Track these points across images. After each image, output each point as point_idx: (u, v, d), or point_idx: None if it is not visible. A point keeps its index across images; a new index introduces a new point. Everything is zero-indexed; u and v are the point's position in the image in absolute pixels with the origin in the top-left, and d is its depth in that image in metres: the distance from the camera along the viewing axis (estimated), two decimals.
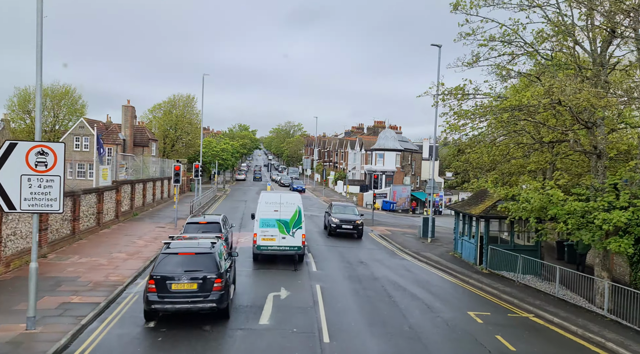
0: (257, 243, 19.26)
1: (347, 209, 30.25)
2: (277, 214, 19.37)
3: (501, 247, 20.13)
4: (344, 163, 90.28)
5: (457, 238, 24.33)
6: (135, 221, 30.30)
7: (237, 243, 24.56)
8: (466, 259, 22.73)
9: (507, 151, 20.84)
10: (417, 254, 24.15)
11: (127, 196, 31.56)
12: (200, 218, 20.62)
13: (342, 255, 22.84)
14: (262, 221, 19.34)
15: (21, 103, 64.84)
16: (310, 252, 22.59)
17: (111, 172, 28.98)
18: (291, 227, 19.34)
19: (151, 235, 25.31)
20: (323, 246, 25.14)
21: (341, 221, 27.89)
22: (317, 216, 40.76)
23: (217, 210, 40.65)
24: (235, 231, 28.21)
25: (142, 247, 21.78)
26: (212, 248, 12.47)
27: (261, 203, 19.77)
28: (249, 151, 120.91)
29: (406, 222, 44.68)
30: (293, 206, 19.57)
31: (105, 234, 24.66)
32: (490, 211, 20.31)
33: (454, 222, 24.65)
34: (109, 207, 27.34)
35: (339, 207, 30.37)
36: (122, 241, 22.89)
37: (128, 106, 56.42)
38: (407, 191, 68.82)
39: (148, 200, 37.48)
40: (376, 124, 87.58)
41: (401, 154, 69.19)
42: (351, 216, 28.84)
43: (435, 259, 23.01)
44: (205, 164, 68.58)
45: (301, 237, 19.37)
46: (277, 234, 19.23)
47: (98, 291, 14.31)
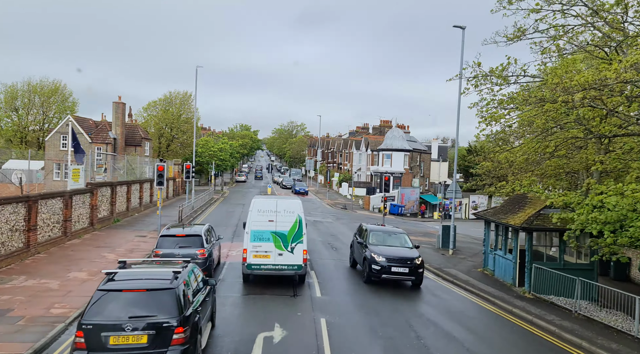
0: (247, 261, 15.49)
1: (394, 238, 18.52)
2: (273, 225, 15.58)
3: (548, 266, 16.30)
4: (348, 164, 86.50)
5: (488, 252, 20.52)
6: (114, 229, 26.61)
7: (227, 257, 20.84)
8: (500, 278, 18.91)
9: (554, 147, 16.99)
10: (441, 271, 20.35)
11: (107, 200, 27.88)
12: (178, 229, 16.86)
13: (352, 272, 19.07)
14: (254, 234, 15.53)
15: (8, 100, 61.38)
16: (313, 270, 18.84)
17: (85, 174, 25.30)
18: (290, 241, 15.53)
19: (127, 246, 21.62)
20: (329, 260, 21.37)
21: (390, 260, 16.70)
22: (321, 221, 36.98)
23: (210, 215, 36.94)
24: (226, 241, 24.51)
25: (111, 262, 18.07)
26: (172, 282, 8.71)
27: (253, 211, 15.73)
28: (251, 151, 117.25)
29: (418, 228, 40.84)
30: (292, 215, 15.72)
31: (72, 246, 20.97)
32: (534, 222, 16.50)
33: (484, 233, 20.84)
34: (81, 214, 23.65)
35: (380, 235, 18.48)
36: (90, 255, 19.20)
37: (119, 102, 52.75)
38: (415, 194, 65.02)
39: (134, 204, 33.80)
40: (382, 124, 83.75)
41: (409, 155, 65.37)
42: (404, 252, 17.48)
43: (463, 277, 19.20)
44: (201, 164, 64.95)
45: (302, 254, 15.54)
46: (273, 250, 15.47)
47: (28, 333, 10.59)
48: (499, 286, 17.97)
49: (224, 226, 30.56)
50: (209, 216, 36.21)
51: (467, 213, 71.10)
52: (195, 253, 15.60)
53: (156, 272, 9.29)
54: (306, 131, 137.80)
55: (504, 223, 17.97)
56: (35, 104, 62.68)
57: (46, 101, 63.13)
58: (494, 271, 19.69)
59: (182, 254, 15.46)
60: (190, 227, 17.31)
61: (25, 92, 62.20)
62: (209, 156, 61.77)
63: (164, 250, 15.52)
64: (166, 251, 15.48)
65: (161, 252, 15.45)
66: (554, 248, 17.33)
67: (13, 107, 62.14)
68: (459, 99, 24.46)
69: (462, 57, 24.05)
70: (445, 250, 26.06)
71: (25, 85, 62.21)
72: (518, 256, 17.55)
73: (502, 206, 19.96)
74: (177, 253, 15.45)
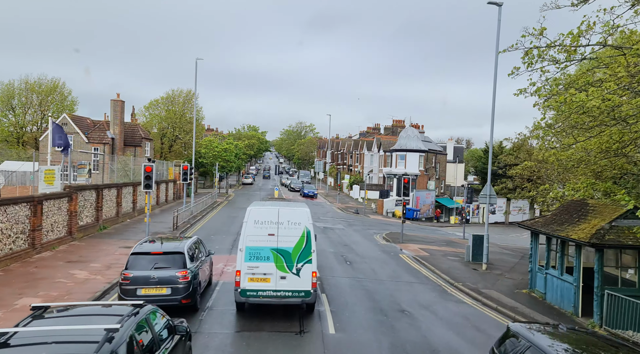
0: (241, 286, 12.21)
1: None
2: (274, 241, 12.34)
3: (625, 293, 12.74)
4: (359, 166, 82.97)
5: (535, 270, 16.97)
6: (98, 239, 23.40)
7: (222, 274, 17.48)
8: (556, 305, 15.35)
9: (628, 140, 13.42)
10: (478, 293, 16.82)
11: (91, 206, 24.69)
12: (154, 245, 13.49)
13: (371, 296, 15.62)
14: (250, 252, 12.27)
15: (4, 99, 58.75)
16: (325, 292, 15.43)
17: (60, 175, 22.13)
18: (295, 261, 12.27)
19: (106, 261, 18.37)
20: (343, 278, 17.92)
21: None
22: (332, 228, 33.54)
23: (210, 221, 33.67)
24: (223, 253, 21.21)
25: (78, 284, 14.82)
26: (101, 348, 5.30)
27: (248, 223, 12.45)
28: (258, 152, 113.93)
29: (438, 235, 37.24)
30: (298, 228, 12.43)
31: (39, 261, 17.75)
32: (606, 236, 12.94)
33: (530, 248, 17.25)
34: (56, 222, 20.46)
35: None
36: (56, 273, 15.96)
37: (117, 100, 49.81)
38: (431, 197, 61.31)
39: (126, 209, 30.62)
40: (395, 123, 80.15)
41: (425, 156, 61.71)
42: None
43: (508, 303, 15.65)
44: (205, 166, 61.81)
45: (311, 277, 12.25)
46: (274, 271, 12.22)
47: None
48: (555, 315, 14.42)
49: (223, 234, 27.25)
50: (209, 222, 32.95)
51: (484, 217, 67.33)
52: (174, 276, 12.27)
53: (78, 332, 5.86)
54: (315, 132, 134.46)
55: (561, 237, 14.42)
56: (33, 103, 60.03)
57: (44, 99, 60.46)
58: (544, 294, 16.12)
59: (158, 277, 12.18)
60: (171, 242, 13.93)
61: (22, 90, 59.59)
62: (213, 156, 58.57)
63: (135, 272, 12.18)
64: (138, 274, 12.15)
65: (131, 275, 12.12)
66: (631, 270, 13.75)
67: (10, 106, 59.53)
68: (494, 88, 20.95)
69: (499, 37, 20.53)
70: (476, 264, 22.50)
71: (22, 84, 59.63)
72: (580, 277, 14.00)
73: (555, 214, 16.37)
74: (153, 276, 12.16)
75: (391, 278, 18.73)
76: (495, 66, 20.24)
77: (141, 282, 12.00)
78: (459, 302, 15.79)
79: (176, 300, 12.11)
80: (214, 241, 24.98)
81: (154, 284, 12.06)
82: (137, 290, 11.95)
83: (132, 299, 11.87)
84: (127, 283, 12.01)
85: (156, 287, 12.07)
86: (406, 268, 21.14)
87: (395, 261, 22.58)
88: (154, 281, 12.08)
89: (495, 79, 20.71)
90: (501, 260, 24.63)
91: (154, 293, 12.02)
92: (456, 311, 14.64)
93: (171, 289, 12.11)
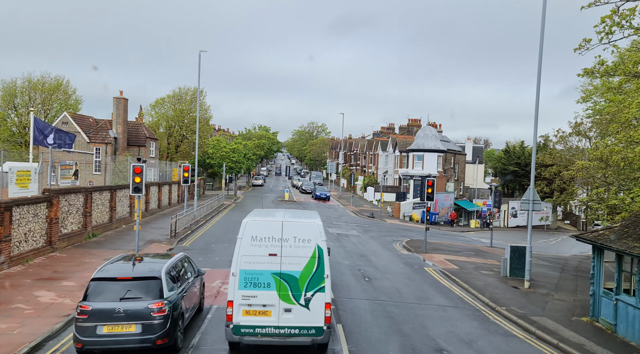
0: (234, 321, 9.59)
1: None
2: (277, 263, 9.66)
3: None
4: (373, 167, 79.85)
5: (600, 294, 13.83)
6: (84, 248, 20.76)
7: (217, 296, 14.66)
8: (632, 341, 12.21)
9: None
10: (528, 322, 13.72)
11: (77, 211, 22.07)
12: (124, 267, 10.59)
13: (398, 327, 12.63)
14: (246, 277, 9.65)
15: (7, 98, 56.79)
16: (341, 322, 12.49)
17: (40, 177, 19.51)
18: (304, 288, 9.60)
19: (85, 277, 15.61)
20: (362, 301, 14.95)
21: None
22: (346, 235, 30.56)
23: (213, 226, 30.92)
24: (222, 267, 18.45)
25: (38, 311, 12.08)
26: None
27: (243, 239, 9.80)
28: (269, 153, 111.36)
29: (462, 242, 34.09)
30: (308, 245, 9.72)
31: (3, 278, 15.06)
32: None
33: (592, 266, 14.09)
34: (31, 230, 17.82)
35: None
36: (17, 295, 13.26)
37: (120, 98, 47.50)
38: (450, 200, 58.03)
39: (121, 214, 28.02)
40: (411, 123, 76.90)
41: (443, 156, 58.40)
42: None
43: (570, 338, 12.55)
44: (213, 167, 59.27)
45: (324, 310, 9.53)
46: (276, 302, 9.58)
47: None
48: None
49: (225, 242, 24.46)
50: (212, 228, 30.21)
51: (506, 220, 63.80)
52: (147, 309, 9.45)
53: None
54: (327, 132, 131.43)
55: None
56: (36, 102, 57.97)
57: (47, 98, 58.38)
58: (614, 325, 12.98)
59: (125, 310, 9.34)
60: (148, 263, 11.07)
61: (25, 88, 57.60)
62: (221, 157, 55.96)
63: (96, 304, 9.34)
64: (100, 306, 9.33)
65: (91, 307, 9.28)
66: None
67: (12, 105, 57.56)
68: (537, 82, 17.76)
69: (544, 24, 17.33)
70: (516, 280, 19.36)
71: (25, 82, 57.63)
72: None
73: (627, 226, 13.21)
74: (119, 309, 9.32)
75: (419, 299, 15.72)
76: (540, 60, 17.05)
77: (103, 317, 9.26)
78: (507, 335, 12.73)
79: (149, 341, 9.37)
80: (214, 250, 22.22)
81: (120, 319, 9.28)
82: (97, 328, 9.20)
83: (89, 340, 9.09)
84: (85, 318, 9.22)
85: (122, 324, 9.30)
86: (435, 285, 18.09)
87: (421, 276, 19.55)
88: (119, 316, 9.28)
89: (540, 70, 17.50)
90: (541, 274, 21.45)
91: (119, 332, 9.29)
92: (507, 350, 11.58)
93: (142, 326, 9.35)
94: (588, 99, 30.87)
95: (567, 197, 25.47)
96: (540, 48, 16.77)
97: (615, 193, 16.65)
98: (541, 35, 17.00)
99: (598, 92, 29.02)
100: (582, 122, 29.03)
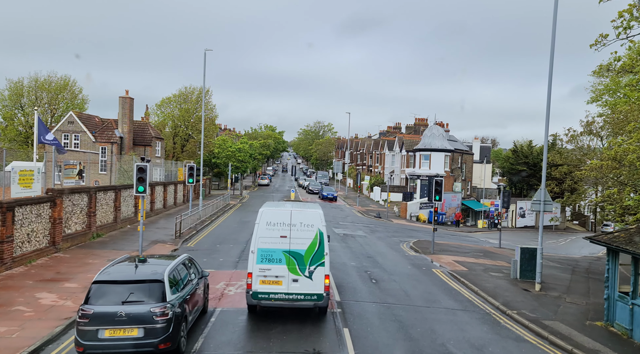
0: (252, 288, 12.09)
1: None
2: (286, 243, 12.24)
3: None
4: (379, 166, 79.40)
5: (614, 298, 13.41)
6: (88, 249, 20.57)
7: (221, 298, 14.36)
8: None
9: None
10: (540, 326, 13.33)
11: (81, 211, 21.89)
12: (126, 270, 10.35)
13: (407, 331, 12.28)
14: (262, 254, 12.17)
15: (13, 97, 56.90)
16: (347, 327, 12.16)
17: (43, 177, 19.34)
18: (308, 263, 12.17)
19: (87, 278, 15.43)
20: (369, 304, 14.61)
21: None
22: (352, 236, 30.22)
23: (218, 227, 30.67)
24: (227, 268, 18.16)
25: (39, 313, 11.86)
26: None
27: (260, 225, 12.28)
28: (275, 153, 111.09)
29: (470, 243, 33.65)
30: (311, 230, 12.31)
31: (5, 279, 14.87)
32: None
33: (607, 269, 13.67)
34: (34, 231, 17.64)
35: None
36: (19, 297, 13.06)
37: (126, 97, 47.37)
38: (457, 200, 57.56)
39: (126, 213, 27.85)
40: (417, 122, 76.32)
41: (450, 156, 57.85)
42: None
43: (584, 343, 12.14)
44: (219, 166, 59.09)
45: (323, 280, 12.16)
46: (286, 274, 12.13)
47: None
48: None
49: (230, 243, 24.22)
50: (217, 228, 29.97)
51: (514, 221, 63.13)
52: (149, 313, 9.24)
53: None
54: (333, 132, 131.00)
55: None
56: (42, 102, 58.06)
57: (54, 97, 58.44)
58: (630, 331, 12.56)
59: (127, 314, 9.11)
60: (151, 264, 10.78)
61: (32, 88, 57.68)
62: (226, 156, 55.74)
63: (97, 308, 9.13)
64: (102, 310, 9.12)
65: (92, 311, 9.06)
66: None
67: (19, 105, 57.68)
68: (549, 81, 17.32)
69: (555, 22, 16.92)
70: (527, 283, 18.94)
71: (32, 82, 57.72)
72: None
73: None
74: (120, 313, 9.09)
75: (428, 302, 15.36)
76: (551, 59, 16.64)
77: (105, 321, 9.06)
78: (519, 340, 12.34)
79: (151, 345, 9.17)
80: (219, 251, 21.95)
81: (122, 323, 9.08)
82: (98, 332, 9.03)
83: (91, 344, 8.88)
84: (86, 322, 9.03)
85: (124, 327, 9.10)
86: (443, 287, 17.71)
87: (429, 278, 19.18)
88: (121, 320, 9.07)
89: (551, 68, 17.07)
90: (552, 276, 21.00)
91: (121, 336, 9.10)
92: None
93: (144, 330, 9.16)
94: (598, 98, 30.34)
95: (578, 197, 24.96)
96: (552, 45, 16.33)
97: (629, 194, 16.19)
98: (552, 32, 16.58)
99: (609, 92, 28.52)
100: (593, 121, 28.53)
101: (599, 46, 10.75)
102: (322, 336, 11.39)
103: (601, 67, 11.85)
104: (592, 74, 12.17)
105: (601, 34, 10.66)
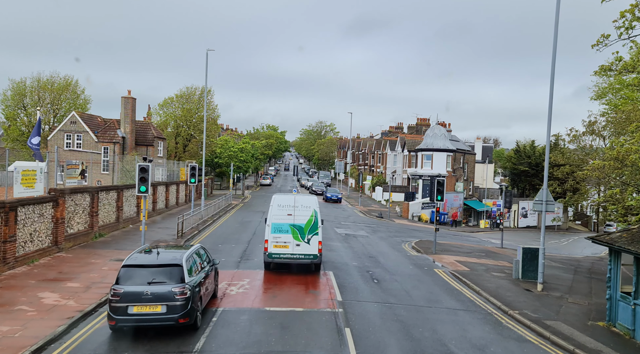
0: (268, 250, 17.10)
1: None
2: (291, 219, 17.20)
3: None
4: (381, 166, 79.39)
5: (616, 298, 13.39)
6: (90, 249, 20.62)
7: (223, 297, 14.37)
8: None
9: None
10: (542, 326, 13.32)
11: (83, 211, 21.94)
12: (149, 256, 11.61)
13: (408, 331, 12.27)
14: (275, 226, 17.15)
15: (16, 98, 57.04)
16: (349, 326, 12.16)
17: (46, 177, 19.40)
18: (306, 233, 17.10)
19: (89, 278, 15.50)
20: (369, 304, 14.61)
21: None
22: (354, 235, 30.22)
23: (221, 226, 30.71)
24: (229, 268, 18.18)
25: (42, 313, 11.89)
26: None
27: (273, 206, 17.38)
28: (277, 153, 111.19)
29: (472, 243, 33.61)
30: (309, 210, 17.34)
31: (8, 278, 14.92)
32: None
33: (609, 269, 13.66)
34: (37, 231, 17.69)
35: None
36: (21, 297, 13.10)
37: (128, 97, 47.47)
38: (459, 200, 57.54)
39: (128, 213, 27.90)
40: (419, 122, 76.25)
41: (452, 156, 57.82)
42: None
43: (586, 343, 12.13)
44: (221, 166, 59.17)
45: (317, 245, 17.06)
46: (291, 240, 17.03)
47: None
48: None
49: (232, 243, 24.25)
50: (219, 228, 30.01)
51: (516, 221, 63.01)
52: (170, 292, 10.58)
53: None
54: (335, 132, 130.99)
55: None
56: (45, 102, 58.20)
57: (56, 97, 58.56)
58: (632, 331, 12.55)
59: (152, 293, 10.39)
60: (169, 252, 12.14)
61: (34, 88, 57.82)
62: (228, 156, 55.79)
63: (127, 287, 10.46)
64: (130, 289, 10.46)
65: (122, 290, 10.36)
66: None
67: (22, 105, 57.83)
68: (551, 80, 17.28)
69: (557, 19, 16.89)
70: (529, 283, 18.91)
71: (34, 82, 57.86)
72: None
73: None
74: (146, 292, 10.38)
75: (429, 302, 15.35)
76: (553, 59, 16.63)
77: (133, 299, 10.43)
78: (521, 340, 12.33)
79: (172, 319, 10.50)
80: (221, 251, 21.97)
81: (148, 301, 10.36)
82: (128, 308, 10.41)
83: (121, 318, 10.28)
84: (117, 299, 10.42)
85: (150, 304, 10.39)
86: (445, 287, 17.70)
87: (431, 278, 19.16)
88: (147, 298, 10.35)
89: (553, 69, 17.05)
90: (554, 276, 20.97)
91: (147, 312, 10.45)
92: None
93: (167, 306, 10.46)
94: (602, 96, 30.27)
95: (580, 197, 24.93)
96: (554, 44, 16.30)
97: (632, 194, 16.16)
98: (555, 32, 16.55)
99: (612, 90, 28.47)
100: (596, 121, 28.49)
101: (601, 46, 10.75)
102: (324, 336, 11.40)
103: (602, 68, 11.83)
104: (594, 75, 12.15)
105: (603, 34, 10.66)
